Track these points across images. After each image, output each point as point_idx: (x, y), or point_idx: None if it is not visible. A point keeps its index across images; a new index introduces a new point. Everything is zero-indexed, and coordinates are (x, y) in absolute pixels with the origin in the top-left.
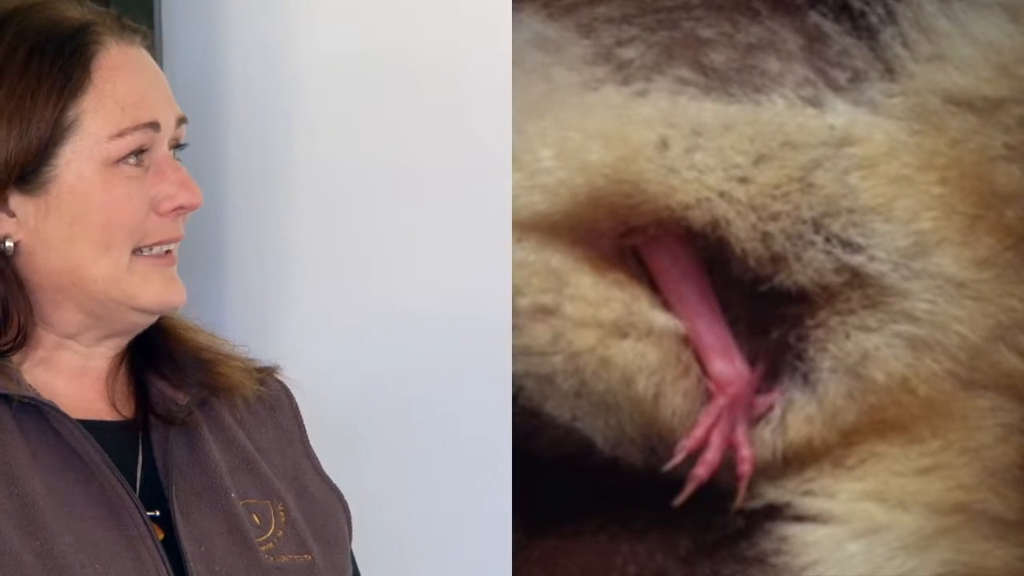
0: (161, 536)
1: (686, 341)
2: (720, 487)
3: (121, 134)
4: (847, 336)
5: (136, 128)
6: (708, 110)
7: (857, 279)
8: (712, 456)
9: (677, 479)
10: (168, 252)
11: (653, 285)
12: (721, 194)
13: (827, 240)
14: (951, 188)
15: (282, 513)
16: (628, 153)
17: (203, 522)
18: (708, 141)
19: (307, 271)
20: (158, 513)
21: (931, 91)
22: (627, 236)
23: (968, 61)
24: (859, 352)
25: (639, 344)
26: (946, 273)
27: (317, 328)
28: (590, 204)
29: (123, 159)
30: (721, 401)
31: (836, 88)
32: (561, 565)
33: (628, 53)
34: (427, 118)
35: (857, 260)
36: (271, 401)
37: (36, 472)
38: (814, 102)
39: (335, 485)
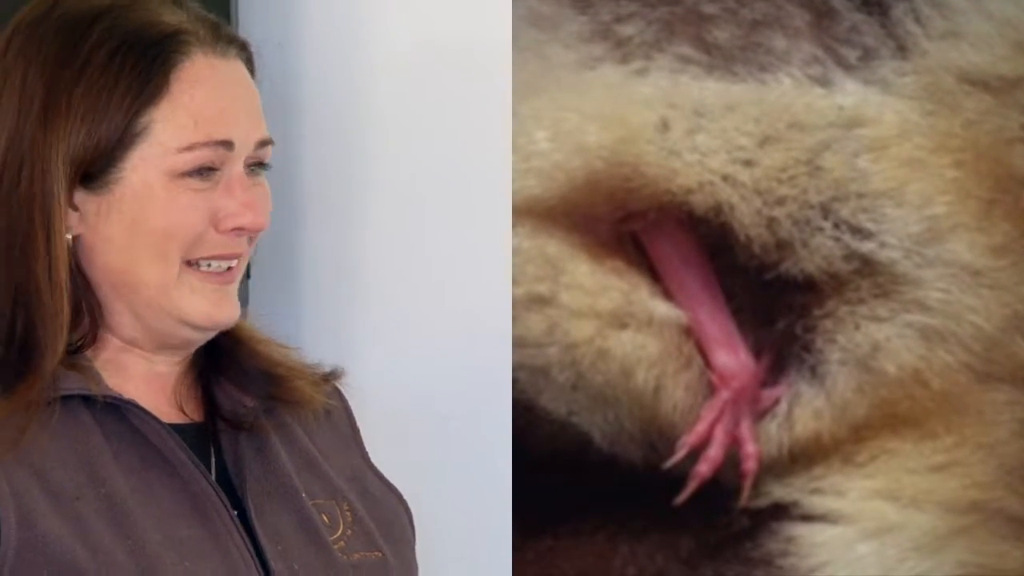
0: None
1: (688, 332)
2: (724, 485)
3: (190, 148)
4: (857, 326)
5: (206, 144)
6: (711, 90)
7: (867, 267)
8: (715, 452)
9: (678, 477)
10: (229, 268)
11: (653, 273)
12: (725, 178)
13: (836, 226)
14: (966, 171)
15: (348, 512)
16: (627, 135)
17: (277, 522)
18: (711, 122)
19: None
20: (236, 513)
21: (945, 69)
22: (626, 222)
23: (983, 38)
24: (869, 343)
25: (639, 335)
26: (960, 260)
27: (329, 321)
28: (588, 188)
29: (189, 173)
30: (724, 395)
31: (845, 66)
32: (558, 567)
33: (627, 30)
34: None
35: (867, 247)
36: (328, 406)
37: (120, 472)
38: (822, 81)
39: (393, 486)
